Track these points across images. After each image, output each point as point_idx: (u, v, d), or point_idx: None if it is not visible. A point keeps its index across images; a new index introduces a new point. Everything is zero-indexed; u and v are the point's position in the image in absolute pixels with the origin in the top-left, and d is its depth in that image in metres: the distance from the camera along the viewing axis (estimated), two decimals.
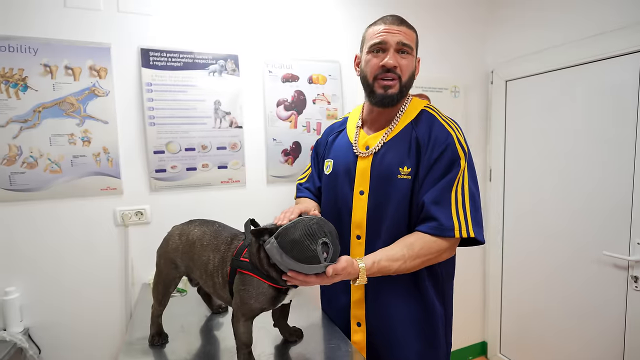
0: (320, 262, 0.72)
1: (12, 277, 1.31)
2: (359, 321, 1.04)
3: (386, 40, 0.93)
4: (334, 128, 1.16)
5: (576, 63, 1.65)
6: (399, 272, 0.86)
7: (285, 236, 0.73)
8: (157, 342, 0.96)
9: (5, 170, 1.26)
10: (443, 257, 0.92)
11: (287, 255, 0.72)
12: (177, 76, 1.45)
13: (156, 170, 1.46)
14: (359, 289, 1.03)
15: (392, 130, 0.97)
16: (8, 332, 1.26)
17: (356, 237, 1.01)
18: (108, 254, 1.43)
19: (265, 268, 0.78)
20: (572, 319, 1.75)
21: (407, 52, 0.94)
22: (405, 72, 0.94)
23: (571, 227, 1.73)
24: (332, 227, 0.77)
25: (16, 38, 1.24)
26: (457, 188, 0.89)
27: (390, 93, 0.94)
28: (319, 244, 0.71)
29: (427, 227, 0.88)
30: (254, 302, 0.79)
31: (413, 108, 0.99)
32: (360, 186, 0.99)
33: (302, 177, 1.25)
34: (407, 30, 0.95)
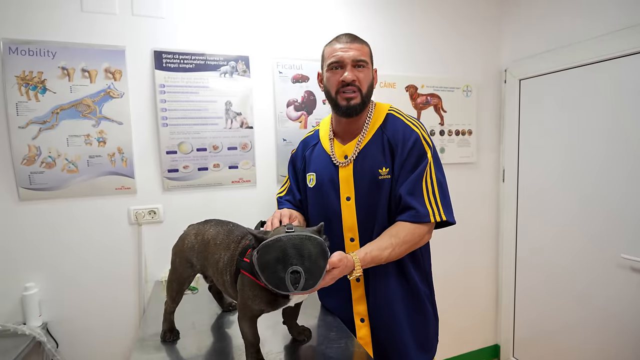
0: (287, 290, 0.69)
1: (31, 273, 1.35)
2: (362, 317, 1.09)
3: (342, 58, 1.01)
4: (308, 142, 1.22)
5: (593, 61, 1.61)
6: (389, 259, 0.95)
7: (262, 255, 0.71)
8: (168, 339, 0.98)
9: (25, 169, 1.30)
10: (425, 239, 1.01)
11: (261, 273, 0.71)
12: (189, 78, 1.48)
13: (169, 170, 1.49)
14: (359, 287, 1.08)
15: (364, 137, 1.06)
16: (27, 326, 1.31)
17: (350, 240, 1.07)
18: (122, 251, 1.46)
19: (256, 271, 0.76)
20: (588, 324, 1.71)
21: (363, 65, 1.02)
22: (364, 84, 1.03)
23: (588, 229, 1.69)
24: (317, 245, 0.72)
25: (36, 42, 1.29)
26: (426, 179, 0.99)
27: (352, 104, 1.02)
28: (288, 273, 0.68)
29: (407, 215, 0.98)
30: (252, 303, 0.79)
31: (378, 113, 1.08)
32: (346, 193, 1.06)
33: (280, 190, 1.29)
34: (360, 47, 1.03)
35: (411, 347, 1.07)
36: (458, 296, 2.13)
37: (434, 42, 1.93)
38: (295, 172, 1.25)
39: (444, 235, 1.11)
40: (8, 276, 1.33)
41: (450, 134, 2.00)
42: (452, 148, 2.01)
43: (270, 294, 0.77)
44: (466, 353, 2.21)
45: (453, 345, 2.17)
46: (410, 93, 1.90)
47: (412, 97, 1.90)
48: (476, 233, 2.15)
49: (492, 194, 2.18)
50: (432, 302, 1.14)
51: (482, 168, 2.12)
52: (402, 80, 1.87)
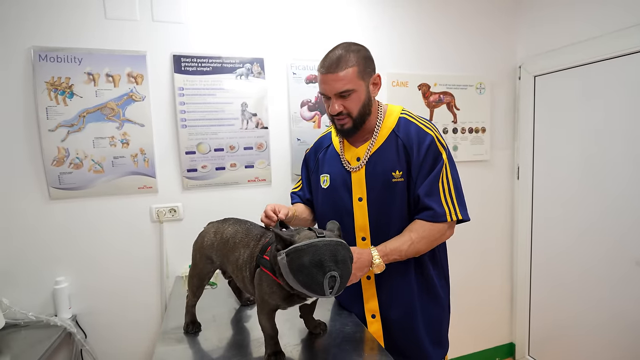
0: (324, 294, 0.71)
1: (61, 267, 1.43)
2: (373, 313, 1.12)
3: (326, 92, 1.04)
4: (322, 143, 1.25)
5: (612, 56, 1.59)
6: (409, 253, 1.00)
7: (295, 257, 0.71)
8: (191, 330, 1.03)
9: (56, 170, 1.38)
10: (446, 235, 1.05)
11: (293, 276, 0.71)
12: (206, 80, 1.53)
13: (188, 170, 1.55)
14: (370, 284, 1.11)
15: (375, 140, 1.08)
16: (59, 317, 1.39)
17: (361, 239, 1.10)
18: (145, 248, 1.53)
19: (278, 271, 0.77)
20: (606, 326, 1.69)
21: (349, 94, 1.01)
22: (353, 109, 1.03)
23: (605, 227, 1.67)
24: (348, 250, 0.76)
25: (63, 49, 1.36)
26: (442, 180, 1.02)
27: (345, 128, 1.06)
28: (327, 278, 0.69)
29: (424, 215, 1.02)
30: (268, 298, 0.82)
31: (390, 116, 1.10)
32: (358, 193, 1.09)
33: (295, 186, 1.36)
34: (343, 76, 0.99)
35: (427, 343, 1.10)
36: (473, 294, 2.13)
37: (446, 40, 1.93)
38: (307, 172, 1.29)
39: (458, 232, 1.13)
40: (40, 271, 1.41)
41: (463, 131, 2.00)
42: (465, 146, 2.01)
43: (287, 291, 0.79)
44: (481, 351, 2.21)
45: (468, 342, 2.17)
46: (423, 91, 1.91)
47: (424, 96, 1.91)
48: (491, 231, 2.14)
49: (507, 191, 2.16)
50: (448, 298, 1.17)
51: (496, 166, 2.11)
52: (414, 78, 1.87)
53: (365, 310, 1.13)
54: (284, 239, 0.75)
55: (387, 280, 1.09)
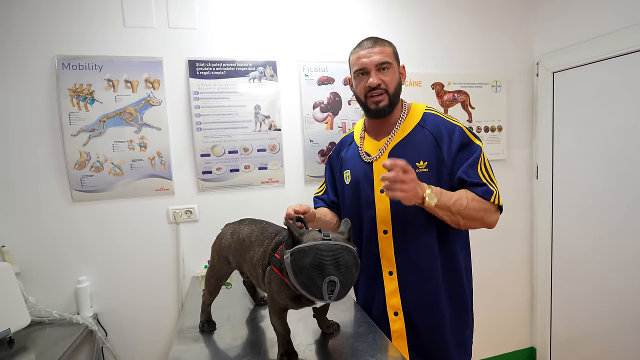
0: (322, 299, 0.70)
1: (84, 267, 1.49)
2: (396, 310, 1.09)
3: (366, 65, 1.06)
4: (345, 142, 1.27)
5: (634, 49, 1.53)
6: (459, 208, 0.95)
7: (298, 258, 0.71)
8: (206, 329, 1.05)
9: (78, 174, 1.43)
10: (492, 219, 1.02)
11: (294, 276, 0.71)
12: (220, 84, 1.56)
13: (203, 172, 1.58)
14: (392, 280, 1.09)
15: (395, 133, 1.09)
16: (81, 316, 1.43)
17: (383, 232, 1.09)
18: (162, 248, 1.57)
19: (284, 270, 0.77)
20: (629, 327, 1.62)
21: (387, 67, 1.06)
22: (390, 85, 1.06)
23: (628, 229, 1.60)
24: (353, 256, 0.74)
25: (85, 57, 1.41)
26: (481, 166, 1.02)
27: (381, 106, 1.07)
28: (326, 282, 0.68)
29: (477, 190, 0.99)
30: (277, 297, 0.82)
31: (414, 112, 1.11)
32: (379, 186, 1.07)
33: (318, 191, 1.36)
34: (382, 49, 1.06)
35: (452, 347, 1.08)
36: (492, 296, 2.08)
37: (459, 39, 1.90)
38: (332, 173, 1.30)
39: (476, 233, 1.11)
40: (64, 270, 1.46)
41: (479, 130, 1.96)
42: None
43: (293, 291, 0.78)
44: (500, 355, 2.15)
45: (487, 346, 2.12)
46: (437, 91, 1.88)
47: (438, 95, 1.89)
48: (509, 232, 2.09)
49: (525, 191, 2.11)
50: (472, 303, 1.15)
51: (514, 165, 2.06)
52: (427, 78, 1.86)
53: (388, 307, 1.10)
54: (294, 236, 0.74)
55: (410, 276, 1.07)
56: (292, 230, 0.74)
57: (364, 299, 1.20)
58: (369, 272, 1.14)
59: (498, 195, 1.00)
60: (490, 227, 1.03)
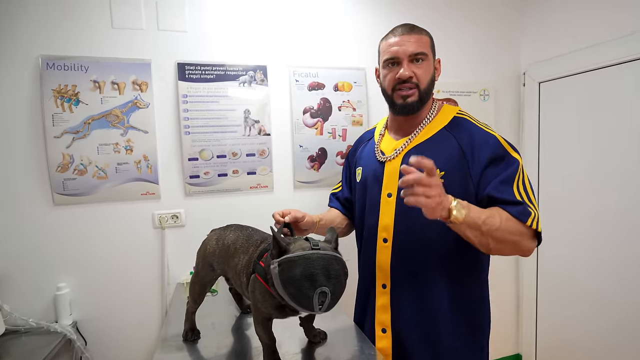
0: (313, 310, 0.67)
1: (63, 273, 1.44)
2: (384, 327, 1.03)
3: (398, 54, 0.95)
4: (364, 138, 1.19)
5: (615, 62, 1.58)
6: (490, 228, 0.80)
7: (286, 268, 0.68)
8: (190, 338, 1.02)
9: (60, 176, 1.39)
10: (528, 245, 0.86)
11: (283, 288, 0.68)
12: (210, 88, 1.54)
13: (190, 176, 1.55)
14: (384, 294, 1.02)
15: (418, 134, 0.98)
16: (59, 324, 1.38)
17: (382, 240, 1.00)
18: (147, 254, 1.53)
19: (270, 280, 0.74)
20: (614, 333, 1.64)
21: (421, 59, 0.95)
22: (423, 80, 0.95)
23: (613, 236, 1.63)
24: (342, 266, 0.71)
25: (70, 58, 1.38)
26: (518, 183, 0.87)
27: (409, 102, 0.95)
28: (317, 293, 0.66)
29: (510, 209, 0.84)
30: (261, 306, 0.80)
31: (445, 114, 0.99)
32: (387, 189, 0.99)
33: (335, 187, 1.30)
34: (418, 38, 0.95)
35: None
36: None
37: (449, 47, 1.92)
38: (349, 169, 1.22)
39: None
40: (42, 277, 1.41)
41: None
42: None
43: (278, 301, 0.76)
44: None
45: None
46: None
47: None
48: None
49: None
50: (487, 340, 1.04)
51: None
52: None
53: (376, 323, 1.03)
54: (280, 246, 0.72)
55: (404, 292, 0.99)
56: (278, 239, 0.72)
57: (358, 312, 1.14)
58: (364, 283, 1.09)
59: (537, 219, 0.84)
60: (525, 255, 0.88)
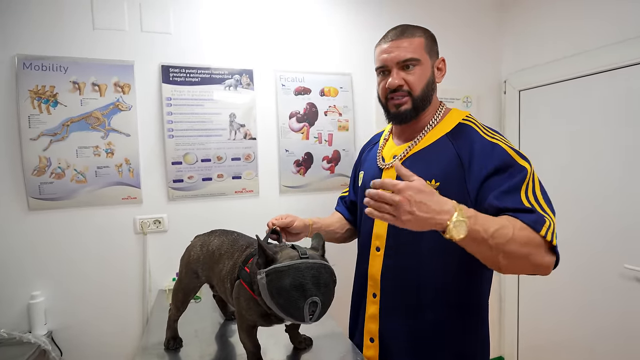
0: (303, 320, 0.66)
1: (38, 281, 1.38)
2: (372, 337, 0.99)
3: (386, 62, 0.91)
4: (372, 141, 1.16)
5: (591, 72, 1.64)
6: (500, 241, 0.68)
7: (275, 279, 0.66)
8: (172, 346, 0.99)
9: (36, 180, 1.34)
10: (543, 259, 0.74)
11: (271, 298, 0.66)
12: (194, 91, 1.52)
13: (174, 181, 1.52)
14: (374, 303, 0.98)
15: (419, 140, 0.93)
16: (33, 334, 1.32)
17: (375, 249, 0.97)
18: (127, 260, 1.49)
19: (256, 289, 0.72)
20: (593, 334, 1.69)
21: (413, 65, 0.90)
22: (415, 86, 0.90)
23: (590, 241, 1.68)
24: (331, 274, 0.70)
25: (49, 58, 1.34)
26: (526, 190, 0.78)
27: (402, 110, 0.91)
28: (308, 303, 0.64)
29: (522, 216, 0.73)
30: (246, 314, 0.78)
31: (450, 120, 0.93)
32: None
33: (344, 191, 1.29)
34: (409, 42, 0.89)
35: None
36: None
37: None
38: (356, 171, 1.19)
39: None
40: (16, 284, 1.35)
41: None
42: None
43: (263, 309, 0.74)
44: None
45: None
46: None
47: None
48: None
49: None
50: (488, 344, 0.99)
51: None
52: None
53: (364, 332, 1.00)
54: (266, 254, 0.69)
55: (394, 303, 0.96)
56: (264, 248, 0.69)
57: (351, 320, 1.12)
58: (358, 291, 1.06)
59: (553, 229, 0.73)
60: (542, 273, 0.76)
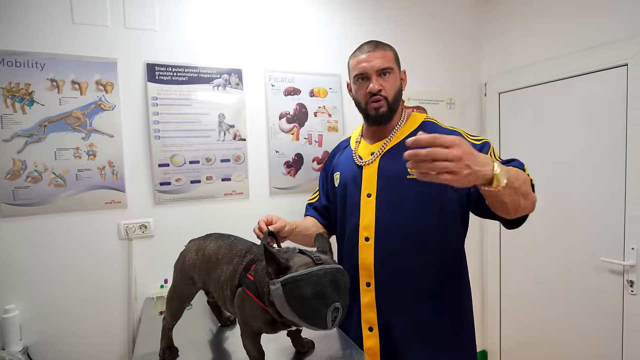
0: (326, 327, 0.65)
1: (12, 294, 1.28)
2: (370, 326, 1.04)
3: (366, 70, 1.03)
4: (341, 146, 1.26)
5: (566, 76, 1.73)
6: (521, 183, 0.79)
7: (294, 288, 0.64)
8: (168, 357, 0.95)
9: (9, 184, 1.25)
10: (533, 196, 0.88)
11: (291, 309, 0.65)
12: (182, 90, 1.47)
13: (161, 184, 1.46)
14: (369, 292, 1.03)
15: (393, 136, 1.06)
16: (7, 351, 1.23)
17: (364, 239, 1.05)
18: (111, 268, 1.41)
19: (266, 298, 0.71)
20: (571, 326, 1.78)
21: (388, 72, 1.04)
22: (390, 91, 1.04)
23: (569, 236, 1.77)
24: (346, 277, 0.70)
25: (22, 53, 1.25)
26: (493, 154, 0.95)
27: (381, 112, 1.04)
28: (331, 309, 0.64)
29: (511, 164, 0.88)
30: (251, 321, 0.77)
31: (414, 120, 1.10)
32: (367, 189, 1.05)
33: (311, 197, 1.33)
34: (383, 54, 1.04)
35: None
36: None
37: (418, 57, 2.01)
38: (325, 177, 1.27)
39: None
40: None
41: None
42: None
43: (270, 316, 0.73)
44: None
45: None
46: None
47: None
48: None
49: None
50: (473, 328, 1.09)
51: None
52: None
53: (362, 322, 1.05)
54: (279, 263, 0.67)
55: (389, 289, 1.02)
56: (275, 256, 0.68)
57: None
58: None
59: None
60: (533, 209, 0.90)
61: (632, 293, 1.52)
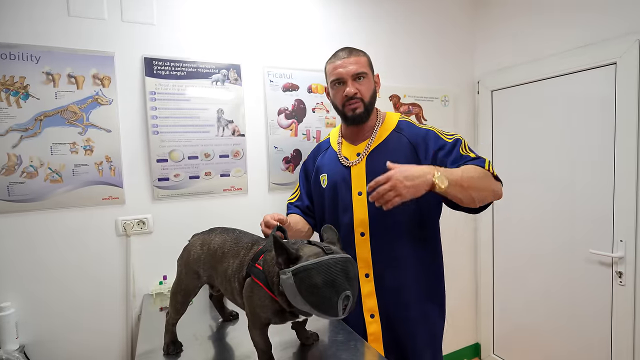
0: (337, 315, 0.67)
1: (8, 291, 1.26)
2: (372, 313, 1.11)
3: (342, 75, 1.10)
4: (321, 147, 1.29)
5: (557, 74, 1.77)
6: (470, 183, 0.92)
7: (305, 277, 0.66)
8: (172, 351, 0.95)
9: (4, 180, 1.22)
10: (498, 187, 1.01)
11: (302, 297, 0.66)
12: (180, 85, 1.46)
13: (159, 179, 1.45)
14: (368, 282, 1.10)
15: (375, 136, 1.14)
16: (3, 350, 1.20)
17: (360, 234, 1.11)
18: (109, 265, 1.39)
19: (276, 288, 0.73)
20: (562, 316, 1.84)
21: (363, 77, 1.11)
22: (365, 94, 1.11)
23: (559, 229, 1.82)
24: (355, 266, 0.73)
25: (17, 46, 1.23)
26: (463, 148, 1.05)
27: (358, 113, 1.11)
28: (342, 298, 0.66)
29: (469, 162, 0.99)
30: (260, 311, 0.78)
31: (389, 119, 1.17)
32: (357, 188, 1.11)
33: (291, 197, 1.35)
34: (357, 59, 1.11)
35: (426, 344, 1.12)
36: None
37: (413, 55, 2.03)
38: (306, 178, 1.30)
39: None
40: None
41: None
42: None
43: (279, 305, 0.75)
44: (448, 354, 2.28)
45: None
46: (394, 102, 1.98)
47: (395, 106, 1.99)
48: (453, 236, 2.24)
49: None
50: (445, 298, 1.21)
51: None
52: (386, 90, 1.95)
53: (364, 310, 1.12)
54: (289, 252, 0.69)
55: (387, 277, 1.10)
56: (286, 247, 0.69)
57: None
58: None
59: (490, 164, 1.01)
60: (499, 197, 1.02)
61: (621, 284, 1.58)
